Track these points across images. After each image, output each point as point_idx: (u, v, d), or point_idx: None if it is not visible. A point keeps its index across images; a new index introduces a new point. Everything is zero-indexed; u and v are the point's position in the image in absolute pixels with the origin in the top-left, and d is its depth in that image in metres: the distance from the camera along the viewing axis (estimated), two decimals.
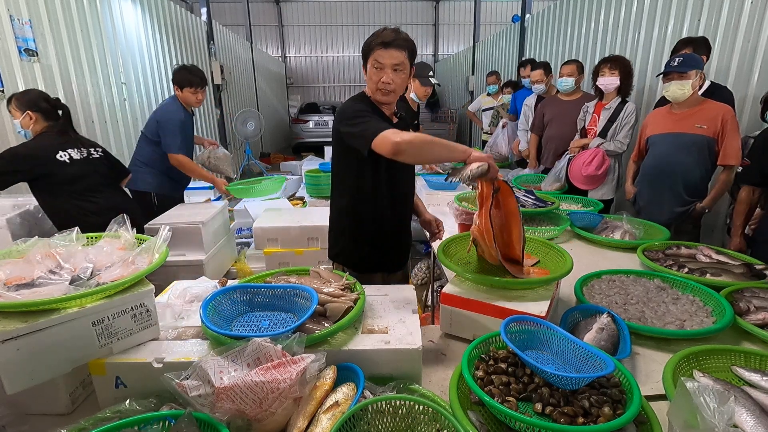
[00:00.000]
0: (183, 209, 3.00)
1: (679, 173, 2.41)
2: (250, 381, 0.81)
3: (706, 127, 2.30)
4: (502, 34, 7.76)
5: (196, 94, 3.04)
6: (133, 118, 4.40)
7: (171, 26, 5.66)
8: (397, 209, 1.76)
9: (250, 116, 8.11)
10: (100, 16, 4.02)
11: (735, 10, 2.95)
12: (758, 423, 0.85)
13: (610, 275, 1.59)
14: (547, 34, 5.88)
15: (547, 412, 0.87)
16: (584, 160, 2.95)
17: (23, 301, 0.91)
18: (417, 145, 1.30)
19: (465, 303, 1.26)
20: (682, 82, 2.27)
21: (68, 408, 1.03)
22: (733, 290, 1.42)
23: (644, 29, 3.87)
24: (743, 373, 1.03)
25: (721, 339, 1.24)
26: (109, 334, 1.00)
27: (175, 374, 0.84)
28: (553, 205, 2.29)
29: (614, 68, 2.90)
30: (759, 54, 2.79)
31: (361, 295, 1.21)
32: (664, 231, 2.06)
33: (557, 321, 1.26)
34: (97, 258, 1.11)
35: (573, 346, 1.00)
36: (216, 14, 9.19)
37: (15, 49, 3.09)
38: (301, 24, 14.63)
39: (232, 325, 1.13)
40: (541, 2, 8.19)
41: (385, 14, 14.65)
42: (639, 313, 1.33)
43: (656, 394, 1.03)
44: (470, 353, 0.99)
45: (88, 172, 2.32)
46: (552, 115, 3.55)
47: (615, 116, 2.95)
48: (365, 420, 0.86)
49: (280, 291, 1.20)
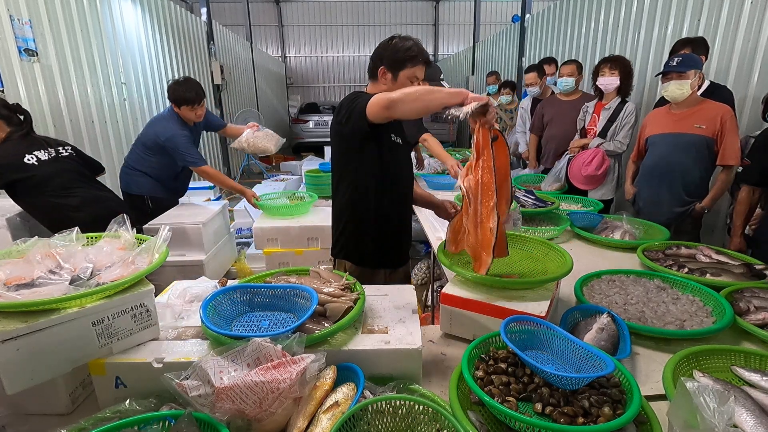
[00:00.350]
0: (183, 209, 3.01)
1: (679, 173, 2.41)
2: (250, 381, 0.81)
3: (705, 127, 2.30)
4: (502, 34, 7.76)
5: (195, 111, 2.88)
6: (133, 118, 4.40)
7: (171, 26, 5.66)
8: (398, 207, 1.77)
9: (250, 116, 8.13)
10: (100, 16, 4.02)
11: (735, 10, 2.95)
12: (758, 423, 0.85)
13: (610, 275, 1.59)
14: (547, 34, 5.88)
15: (547, 412, 0.87)
16: (584, 160, 2.95)
17: (23, 301, 0.91)
18: (411, 94, 1.31)
19: (465, 303, 1.25)
20: (681, 82, 2.27)
21: (68, 408, 1.03)
22: (733, 290, 1.42)
23: (644, 29, 3.87)
24: (743, 373, 1.03)
25: (721, 339, 1.24)
26: (109, 334, 1.00)
27: (175, 374, 0.84)
28: (553, 205, 2.29)
29: (614, 68, 2.91)
30: (759, 54, 2.79)
31: (361, 295, 1.21)
32: (664, 231, 2.06)
33: (557, 321, 1.26)
34: (97, 258, 1.11)
35: (573, 346, 1.00)
36: (216, 14, 9.19)
37: (15, 49, 3.09)
38: (301, 24, 14.64)
39: (232, 325, 1.13)
40: (541, 2, 8.20)
41: (385, 14, 14.65)
42: (639, 313, 1.33)
43: (656, 394, 1.03)
44: (470, 353, 0.99)
45: (59, 170, 2.31)
46: (552, 116, 3.56)
47: (615, 116, 2.95)
48: (365, 420, 0.86)
49: (280, 291, 1.20)
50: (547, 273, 1.42)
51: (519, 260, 1.52)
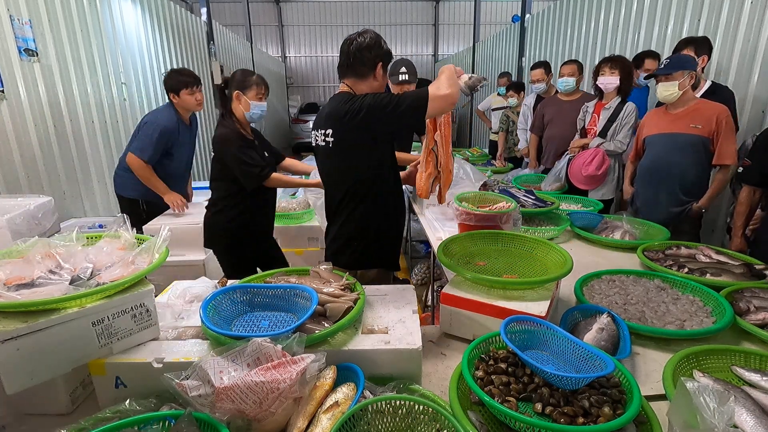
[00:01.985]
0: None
1: (676, 173, 2.41)
2: (250, 381, 0.81)
3: (701, 127, 2.30)
4: (502, 34, 7.76)
5: (194, 95, 2.82)
6: (133, 118, 4.40)
7: (171, 26, 5.66)
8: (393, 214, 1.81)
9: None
10: (100, 16, 4.02)
11: (735, 10, 2.95)
12: (758, 423, 0.85)
13: (610, 275, 1.59)
14: (547, 34, 5.88)
15: (547, 412, 0.87)
16: (584, 160, 2.95)
17: (23, 301, 0.91)
18: (451, 83, 1.45)
19: (465, 303, 1.25)
20: (667, 84, 2.29)
21: (68, 408, 1.03)
22: (733, 290, 1.42)
23: (644, 29, 3.87)
24: (743, 373, 1.03)
25: (721, 339, 1.24)
26: (109, 334, 1.00)
27: (175, 374, 0.84)
28: (553, 205, 2.29)
29: (614, 68, 2.91)
30: (759, 54, 2.79)
31: (361, 295, 1.21)
32: (664, 231, 2.06)
33: (557, 321, 1.26)
34: (97, 258, 1.11)
35: (573, 346, 1.00)
36: (216, 14, 9.20)
37: (15, 49, 3.09)
38: (301, 24, 14.64)
39: (232, 325, 1.13)
40: (541, 2, 8.20)
41: (385, 14, 14.66)
42: (639, 313, 1.33)
43: (656, 394, 1.03)
44: (470, 353, 0.99)
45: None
46: (552, 115, 3.55)
47: (615, 116, 2.95)
48: (365, 420, 0.86)
49: (280, 291, 1.20)
50: (547, 273, 1.42)
51: (519, 260, 1.52)
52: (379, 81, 1.66)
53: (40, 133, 3.33)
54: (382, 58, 1.64)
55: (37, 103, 3.31)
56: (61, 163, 3.53)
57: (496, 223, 1.77)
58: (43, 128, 3.37)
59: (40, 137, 3.32)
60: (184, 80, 2.77)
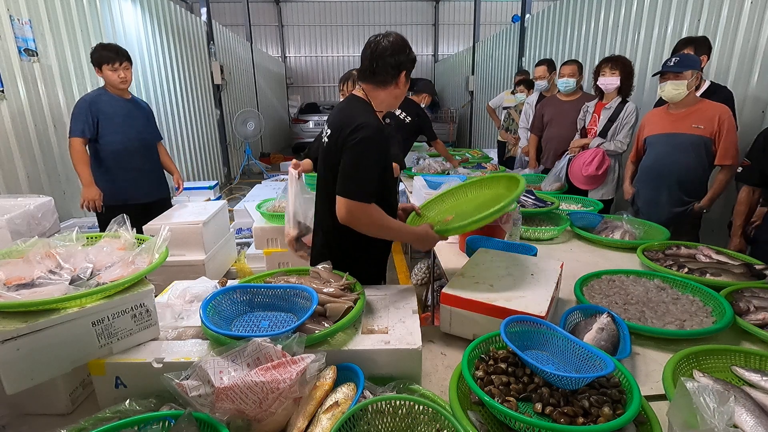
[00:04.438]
0: (183, 209, 3.01)
1: (677, 173, 2.41)
2: (250, 381, 0.81)
3: (703, 127, 2.30)
4: (502, 34, 7.76)
5: (117, 72, 2.64)
6: None
7: (171, 26, 5.66)
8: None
9: (250, 116, 8.12)
10: (100, 16, 4.02)
11: (735, 10, 2.95)
12: (758, 423, 0.85)
13: (610, 275, 1.59)
14: (547, 34, 5.88)
15: (547, 412, 0.87)
16: (584, 160, 2.96)
17: (23, 301, 0.91)
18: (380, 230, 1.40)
19: (465, 303, 1.25)
20: (677, 82, 2.28)
21: (68, 408, 1.03)
22: (733, 290, 1.42)
23: (644, 29, 3.87)
24: (743, 373, 1.03)
25: (721, 339, 1.24)
26: (109, 334, 1.00)
27: (175, 374, 0.84)
28: (553, 205, 2.29)
29: (615, 68, 2.91)
30: (759, 54, 2.79)
31: (361, 295, 1.21)
32: (664, 231, 2.06)
33: (557, 321, 1.26)
34: (97, 258, 1.11)
35: (573, 346, 1.00)
36: (216, 14, 9.20)
37: (15, 49, 3.09)
38: (301, 24, 14.63)
39: (232, 325, 1.13)
40: (541, 2, 8.20)
41: (385, 14, 14.65)
42: (639, 313, 1.33)
43: (656, 394, 1.03)
44: (470, 353, 0.99)
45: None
46: (552, 115, 3.55)
47: (615, 116, 2.95)
48: (365, 420, 0.86)
49: (280, 291, 1.20)
50: (500, 199, 1.41)
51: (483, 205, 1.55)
52: (401, 89, 1.49)
53: (40, 133, 3.34)
54: (407, 66, 1.45)
55: (37, 103, 3.31)
56: (61, 163, 3.53)
57: (495, 223, 1.77)
58: (43, 128, 3.37)
59: (40, 137, 3.32)
60: (106, 55, 2.65)
